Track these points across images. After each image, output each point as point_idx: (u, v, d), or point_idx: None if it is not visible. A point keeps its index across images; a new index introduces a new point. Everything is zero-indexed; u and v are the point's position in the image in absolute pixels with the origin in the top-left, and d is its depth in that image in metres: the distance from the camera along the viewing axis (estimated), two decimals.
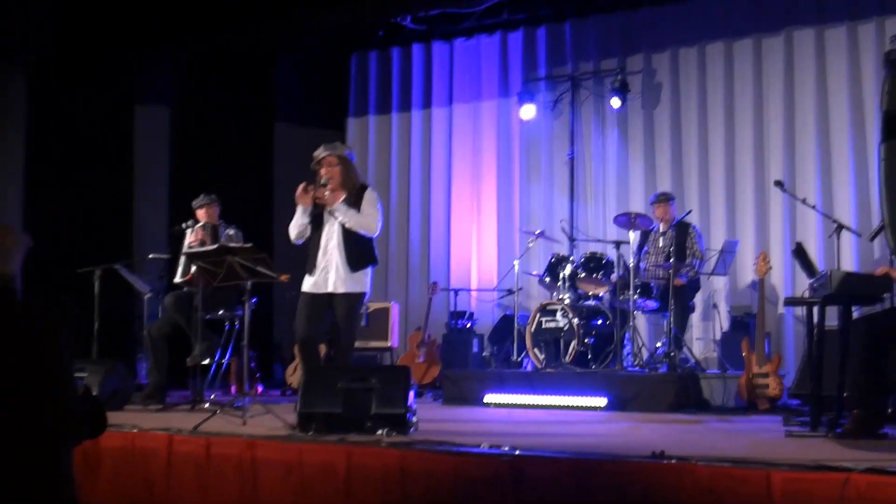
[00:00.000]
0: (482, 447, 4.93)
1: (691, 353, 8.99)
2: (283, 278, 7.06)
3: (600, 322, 8.99)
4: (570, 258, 9.42)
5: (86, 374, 7.62)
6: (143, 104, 10.99)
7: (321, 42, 11.95)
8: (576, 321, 8.71)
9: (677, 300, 8.60)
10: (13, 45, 9.99)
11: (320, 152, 6.86)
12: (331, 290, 6.71)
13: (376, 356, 10.55)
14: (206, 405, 7.62)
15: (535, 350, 8.93)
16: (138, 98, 10.96)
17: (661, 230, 9.27)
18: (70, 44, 10.14)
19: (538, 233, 9.88)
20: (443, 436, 5.49)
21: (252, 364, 8.70)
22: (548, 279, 9.30)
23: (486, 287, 11.14)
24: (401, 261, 11.90)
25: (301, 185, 6.73)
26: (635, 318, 8.84)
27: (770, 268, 8.24)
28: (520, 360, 9.34)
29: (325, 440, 5.43)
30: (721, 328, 9.48)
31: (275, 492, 5.19)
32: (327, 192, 6.72)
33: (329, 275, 6.71)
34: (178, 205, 10.23)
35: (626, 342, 8.80)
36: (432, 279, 11.09)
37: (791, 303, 7.43)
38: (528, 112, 10.96)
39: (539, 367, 8.82)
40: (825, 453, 4.66)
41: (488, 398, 8.36)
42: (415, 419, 5.92)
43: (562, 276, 9.08)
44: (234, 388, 9.21)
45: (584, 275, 9.06)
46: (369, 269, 6.90)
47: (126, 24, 10.38)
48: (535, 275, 9.86)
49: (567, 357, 8.67)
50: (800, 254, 7.17)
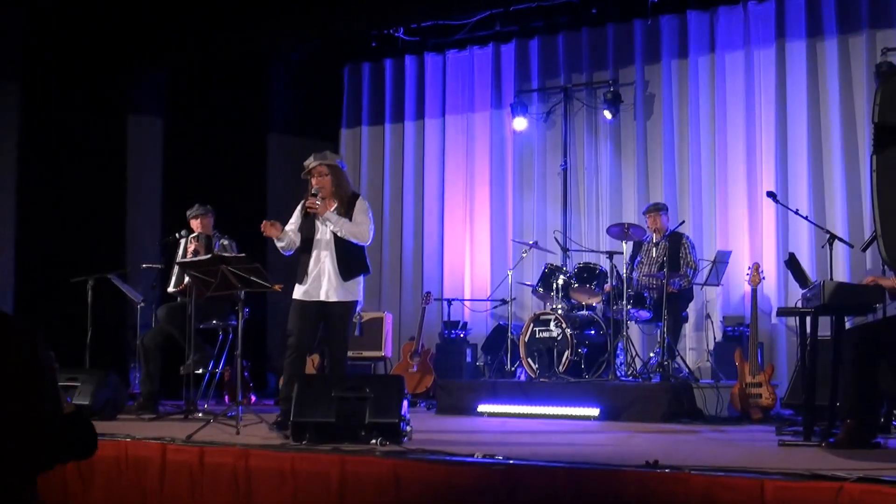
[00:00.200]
0: (476, 457, 4.93)
1: (684, 362, 9.00)
2: (277, 288, 7.05)
3: (594, 332, 9.00)
4: (564, 268, 9.44)
5: (79, 384, 7.61)
6: (136, 114, 10.98)
7: (314, 53, 11.98)
8: (569, 331, 8.71)
9: (670, 310, 8.62)
10: (5, 54, 9.99)
11: (311, 161, 6.84)
12: (323, 298, 6.68)
13: (370, 366, 10.54)
14: (200, 415, 7.63)
15: (529, 360, 8.93)
16: (131, 108, 10.95)
17: (654, 240, 9.29)
18: (63, 53, 10.14)
19: (531, 243, 9.90)
20: (436, 445, 5.49)
21: (245, 374, 8.71)
22: (541, 289, 9.31)
23: (479, 297, 11.15)
24: (394, 271, 11.90)
25: (264, 223, 6.69)
26: (628, 328, 8.86)
27: (763, 278, 8.28)
28: (513, 369, 9.34)
29: (318, 449, 5.43)
30: (714, 338, 9.49)
31: (268, 501, 5.18)
32: (318, 202, 6.70)
33: (321, 283, 6.69)
34: (171, 215, 10.23)
35: (619, 352, 8.81)
36: (426, 289, 11.09)
37: (784, 313, 7.44)
38: (521, 123, 10.99)
39: (532, 376, 8.83)
40: (818, 462, 4.66)
41: (482, 408, 8.37)
42: (408, 429, 5.92)
43: (555, 286, 9.09)
44: (227, 398, 9.21)
45: (577, 285, 9.08)
46: (361, 278, 6.89)
47: (119, 35, 10.39)
48: (528, 285, 9.88)
49: (560, 367, 8.67)
50: (792, 264, 7.21)
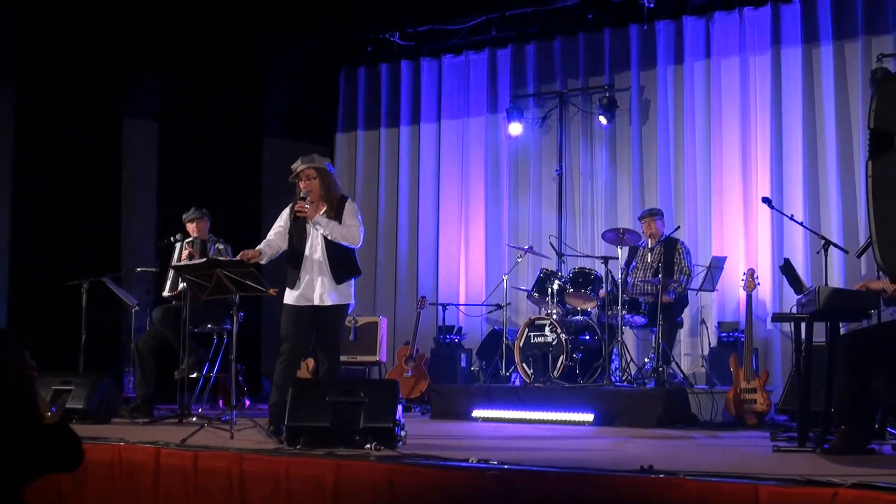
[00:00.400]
0: (470, 461, 4.92)
1: (679, 368, 9.00)
2: (272, 292, 7.02)
3: (588, 337, 9.00)
4: (559, 273, 9.45)
5: (73, 387, 7.60)
6: (131, 117, 10.98)
7: (310, 57, 11.97)
8: (564, 336, 8.71)
9: (665, 316, 8.62)
10: (1, 56, 9.98)
11: (298, 165, 6.78)
12: (317, 302, 6.64)
13: (364, 370, 10.54)
14: (194, 419, 7.61)
15: (524, 365, 8.92)
16: (127, 111, 10.95)
17: (649, 246, 9.29)
18: (59, 56, 10.13)
19: (527, 248, 9.90)
20: (431, 450, 5.48)
21: (240, 378, 8.70)
22: (536, 294, 9.31)
23: (474, 302, 11.15)
24: (389, 275, 11.90)
25: (241, 254, 6.61)
26: (623, 333, 8.85)
27: (758, 284, 8.28)
28: (508, 374, 9.34)
29: (312, 454, 5.42)
30: (709, 344, 9.49)
31: None
32: (308, 205, 6.64)
33: (315, 287, 6.64)
34: (166, 218, 10.21)
35: (614, 357, 8.80)
36: (421, 294, 11.08)
37: (778, 319, 7.43)
38: (517, 128, 11.01)
39: (527, 381, 8.82)
40: (813, 468, 4.66)
41: (476, 413, 8.36)
42: (403, 433, 5.91)
43: (550, 291, 9.09)
44: (221, 402, 9.19)
45: (572, 290, 9.07)
46: (353, 281, 6.85)
47: (115, 38, 10.38)
48: (523, 290, 9.88)
49: (555, 372, 8.67)
50: (787, 270, 7.22)
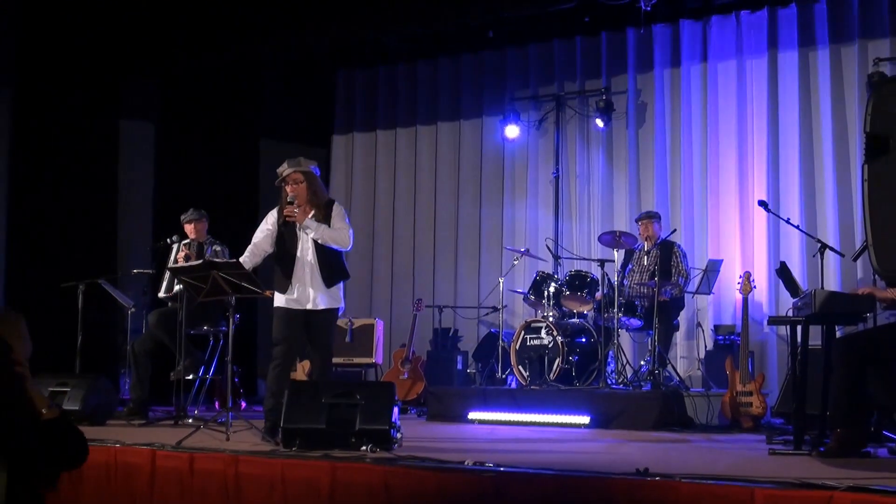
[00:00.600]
0: (466, 464, 4.92)
1: (675, 371, 9.00)
2: (268, 294, 7.00)
3: (584, 340, 9.00)
4: (555, 276, 9.45)
5: (69, 389, 7.60)
6: (128, 119, 10.98)
7: (307, 59, 11.97)
8: (560, 339, 8.71)
9: (661, 318, 8.62)
10: None
11: (284, 169, 6.70)
12: (310, 306, 6.59)
13: (361, 372, 10.54)
14: (190, 420, 7.60)
15: (520, 367, 8.92)
16: (123, 113, 10.94)
17: (645, 249, 9.29)
18: (55, 58, 10.12)
19: (523, 250, 9.90)
20: (427, 452, 5.48)
21: (236, 380, 8.69)
22: (532, 297, 9.31)
23: (470, 304, 11.15)
24: (385, 278, 11.90)
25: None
26: (619, 336, 8.85)
27: (754, 287, 8.29)
28: (504, 377, 9.34)
29: (308, 456, 5.42)
30: (705, 347, 9.50)
31: None
32: (296, 210, 6.57)
33: (307, 291, 6.59)
34: (163, 220, 10.23)
35: (610, 360, 8.81)
36: (417, 296, 11.08)
37: (775, 322, 7.46)
38: (514, 131, 11.01)
39: (523, 384, 8.82)
40: (808, 471, 4.67)
41: (472, 415, 8.36)
42: (399, 435, 5.91)
43: (546, 293, 9.09)
44: (217, 404, 9.18)
45: (568, 292, 9.07)
46: (342, 284, 6.82)
47: (111, 40, 10.39)
48: (519, 292, 9.88)
49: (551, 374, 8.67)
50: (783, 273, 7.23)
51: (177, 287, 8.15)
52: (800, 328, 6.05)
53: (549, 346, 8.79)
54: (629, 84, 10.66)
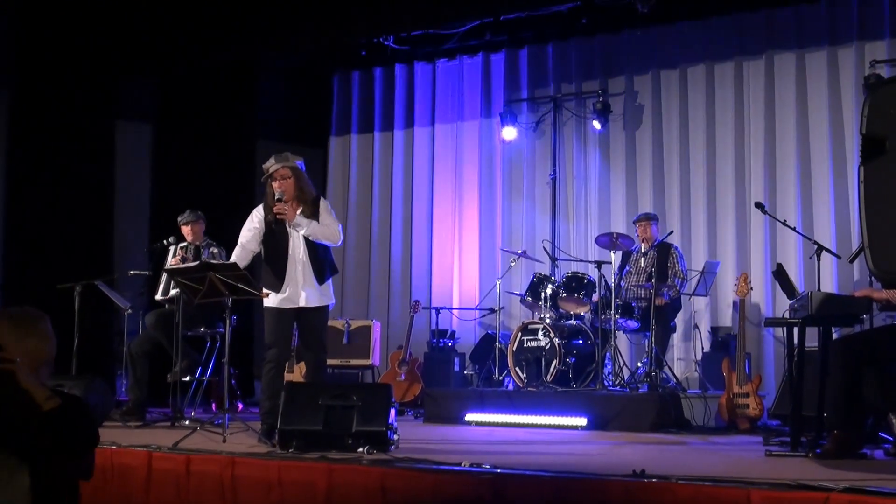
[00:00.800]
0: (463, 466, 4.92)
1: (672, 372, 9.00)
2: (265, 294, 7.01)
3: (581, 341, 9.00)
4: (552, 278, 9.45)
5: (65, 390, 7.55)
6: (125, 120, 10.96)
7: (304, 61, 11.97)
8: (557, 340, 8.71)
9: (658, 320, 8.62)
10: None
11: (271, 164, 6.63)
12: (303, 304, 6.53)
13: (357, 374, 10.53)
14: (186, 422, 7.60)
15: (517, 369, 8.92)
16: (120, 113, 10.92)
17: (642, 250, 9.30)
18: (52, 59, 10.11)
19: (520, 252, 9.91)
20: (424, 454, 5.48)
21: (232, 381, 8.69)
22: (529, 298, 9.31)
23: (467, 306, 11.14)
24: (383, 279, 11.89)
25: None
26: (616, 337, 8.86)
27: (751, 289, 8.30)
28: (501, 378, 9.34)
29: (305, 458, 5.42)
30: (702, 348, 9.50)
31: None
32: (286, 206, 6.51)
33: (299, 289, 6.53)
34: (160, 221, 10.21)
35: (607, 362, 8.81)
36: (414, 298, 11.08)
37: (771, 324, 7.46)
38: (510, 133, 11.00)
39: (520, 386, 8.82)
40: (805, 473, 4.67)
41: (469, 417, 8.36)
42: (396, 437, 5.91)
43: (543, 295, 9.09)
44: (214, 406, 9.18)
45: (565, 294, 9.08)
46: (331, 280, 6.78)
47: (108, 41, 10.37)
48: (516, 294, 9.88)
49: (548, 376, 8.66)
50: (780, 275, 7.22)
51: (173, 291, 8.14)
52: (796, 330, 6.06)
53: (546, 347, 8.80)
54: (626, 86, 10.66)
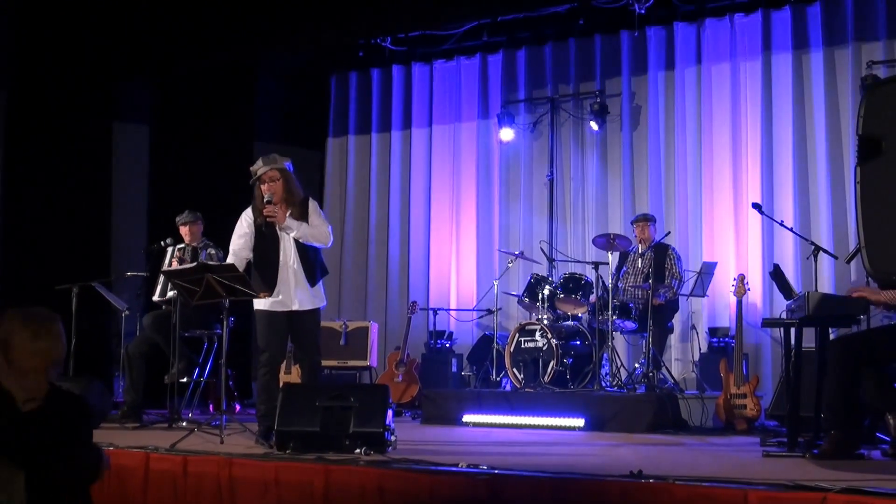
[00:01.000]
0: (460, 466, 4.92)
1: (669, 373, 9.01)
2: (262, 296, 7.01)
3: (579, 342, 9.00)
4: (549, 278, 9.45)
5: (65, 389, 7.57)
6: (122, 121, 10.95)
7: (302, 62, 11.96)
8: (554, 341, 8.71)
9: (656, 321, 8.63)
10: None
11: (259, 167, 6.59)
12: (295, 307, 6.51)
13: (355, 375, 10.52)
14: (184, 423, 7.60)
15: (514, 370, 8.92)
16: (117, 115, 10.92)
17: (639, 251, 9.31)
18: (49, 61, 10.11)
19: (517, 253, 9.91)
20: (421, 455, 5.48)
21: (230, 382, 8.68)
22: (527, 299, 9.31)
23: (465, 307, 11.14)
24: (380, 280, 11.89)
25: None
26: (614, 338, 8.86)
27: (748, 289, 8.30)
28: (499, 379, 9.34)
29: (302, 458, 5.42)
30: (699, 349, 9.50)
31: None
32: (275, 209, 6.46)
33: (291, 292, 6.50)
34: (157, 222, 10.21)
35: (604, 362, 8.81)
36: (412, 299, 11.07)
37: (769, 324, 7.47)
38: (508, 134, 11.01)
39: (518, 386, 8.82)
40: (802, 473, 4.68)
41: (467, 418, 8.35)
42: (393, 438, 5.91)
43: (541, 296, 9.09)
44: (211, 407, 9.17)
45: (562, 295, 9.08)
46: (322, 281, 6.75)
47: (106, 42, 10.37)
48: (514, 295, 9.88)
49: (546, 377, 8.66)
50: (777, 275, 7.23)
51: (170, 293, 8.14)
52: (794, 330, 6.06)
53: (544, 348, 8.79)
54: (623, 87, 10.66)
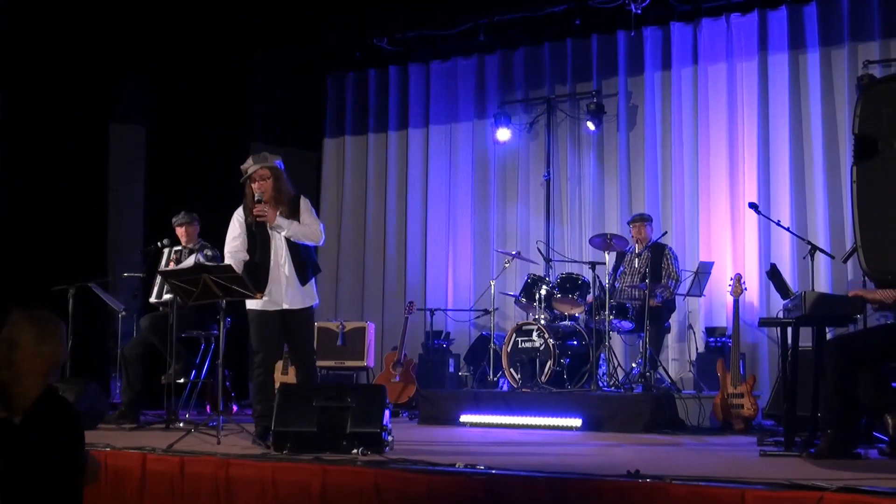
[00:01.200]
0: (458, 467, 4.92)
1: (667, 373, 9.01)
2: (259, 297, 7.01)
3: (576, 342, 9.00)
4: (546, 279, 9.45)
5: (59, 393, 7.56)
6: (118, 122, 10.93)
7: (298, 62, 11.95)
8: (551, 341, 8.71)
9: (653, 321, 8.63)
10: None
11: (249, 165, 6.58)
12: (287, 306, 6.49)
13: (352, 375, 10.52)
14: (181, 424, 7.60)
15: (511, 370, 8.92)
16: (114, 116, 10.90)
17: (636, 251, 9.31)
18: (45, 61, 10.09)
19: (514, 253, 9.91)
20: (418, 455, 5.48)
21: (227, 383, 8.67)
22: (524, 299, 9.31)
23: (462, 307, 11.14)
24: (377, 281, 11.89)
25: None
26: (611, 338, 8.86)
27: (745, 289, 8.30)
28: (496, 379, 9.34)
29: (299, 459, 5.41)
30: (696, 349, 9.51)
31: None
32: (266, 208, 6.46)
33: (283, 291, 6.49)
34: (154, 223, 10.19)
35: (601, 362, 8.81)
36: (409, 299, 11.07)
37: (765, 324, 7.47)
38: (505, 134, 11.01)
39: (515, 387, 8.81)
40: (799, 472, 4.68)
41: (464, 418, 8.35)
42: (390, 438, 5.91)
43: (538, 296, 9.09)
44: (208, 407, 9.17)
45: (559, 295, 9.08)
46: (314, 280, 6.73)
47: (102, 43, 10.35)
48: (511, 295, 9.88)
49: (543, 377, 8.67)
50: (774, 275, 7.23)
51: (167, 295, 8.12)
52: (790, 330, 6.07)
53: (541, 348, 8.80)
54: (620, 87, 10.67)
